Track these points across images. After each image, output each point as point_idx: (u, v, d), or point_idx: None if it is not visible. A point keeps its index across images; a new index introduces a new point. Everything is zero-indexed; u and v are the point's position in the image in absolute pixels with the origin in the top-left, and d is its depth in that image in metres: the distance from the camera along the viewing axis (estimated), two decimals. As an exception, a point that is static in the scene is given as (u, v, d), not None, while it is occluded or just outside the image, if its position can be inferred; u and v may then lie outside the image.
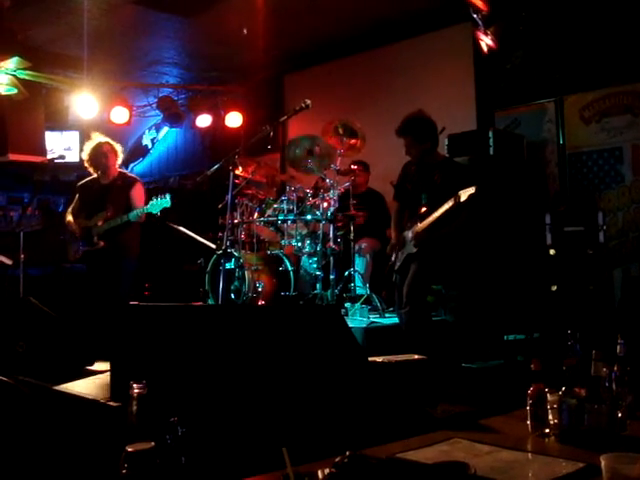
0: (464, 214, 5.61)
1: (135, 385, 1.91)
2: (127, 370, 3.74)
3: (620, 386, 2.93)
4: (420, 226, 5.72)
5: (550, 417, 2.95)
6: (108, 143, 7.14)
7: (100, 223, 6.86)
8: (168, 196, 6.65)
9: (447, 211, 5.48)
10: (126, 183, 7.10)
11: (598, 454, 2.13)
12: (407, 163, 6.20)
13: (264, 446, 2.63)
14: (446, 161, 6.08)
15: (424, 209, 5.75)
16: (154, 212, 6.70)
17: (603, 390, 2.87)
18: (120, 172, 7.26)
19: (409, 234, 5.87)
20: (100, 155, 7.06)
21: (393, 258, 6.07)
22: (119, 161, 7.25)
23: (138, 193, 7.03)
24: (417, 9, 8.62)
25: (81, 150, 7.50)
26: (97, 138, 7.20)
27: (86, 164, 7.13)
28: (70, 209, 7.30)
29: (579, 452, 2.57)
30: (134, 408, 1.90)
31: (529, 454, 2.65)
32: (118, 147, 7.22)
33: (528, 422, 2.95)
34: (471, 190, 5.27)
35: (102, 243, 6.85)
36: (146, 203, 6.82)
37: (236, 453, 2.87)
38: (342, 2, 8.42)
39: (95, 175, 7.17)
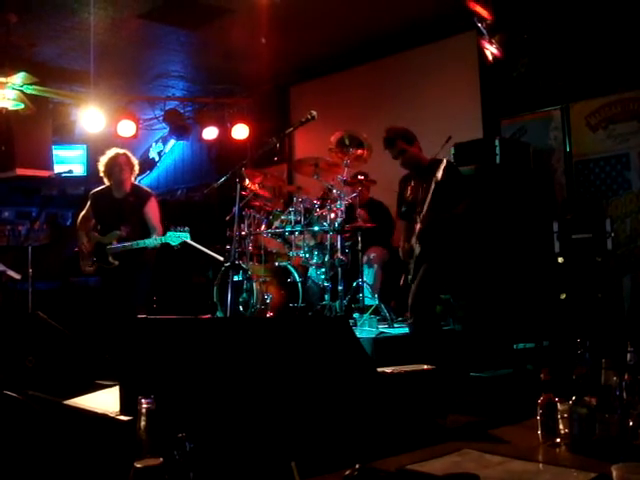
0: (463, 204, 5.63)
1: (144, 400, 1.90)
2: (136, 384, 3.74)
3: (631, 395, 2.92)
4: (419, 225, 5.75)
5: (561, 427, 2.94)
6: (125, 155, 6.98)
7: (115, 243, 6.75)
8: (187, 230, 6.58)
9: (432, 197, 5.55)
10: (140, 198, 6.92)
11: (610, 464, 2.12)
12: (402, 178, 6.23)
13: (273, 460, 2.62)
14: (434, 161, 6.02)
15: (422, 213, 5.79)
16: (172, 244, 6.60)
17: (614, 399, 2.86)
18: (134, 185, 7.06)
19: (414, 239, 5.88)
20: (115, 166, 6.89)
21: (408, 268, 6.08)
22: (134, 174, 7.08)
23: (153, 209, 6.89)
24: (421, 19, 8.64)
25: (89, 165, 7.47)
26: (115, 149, 7.04)
27: (101, 174, 6.99)
28: (81, 218, 7.14)
29: (591, 462, 2.56)
30: (143, 424, 1.89)
31: (540, 464, 2.64)
32: (134, 160, 7.06)
33: (539, 432, 2.95)
34: (443, 164, 5.42)
35: (117, 263, 6.75)
36: (161, 223, 6.78)
37: (245, 468, 2.86)
38: (346, 13, 8.44)
39: (109, 184, 7.04)
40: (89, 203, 7.09)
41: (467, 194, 5.69)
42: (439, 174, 5.42)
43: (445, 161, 5.43)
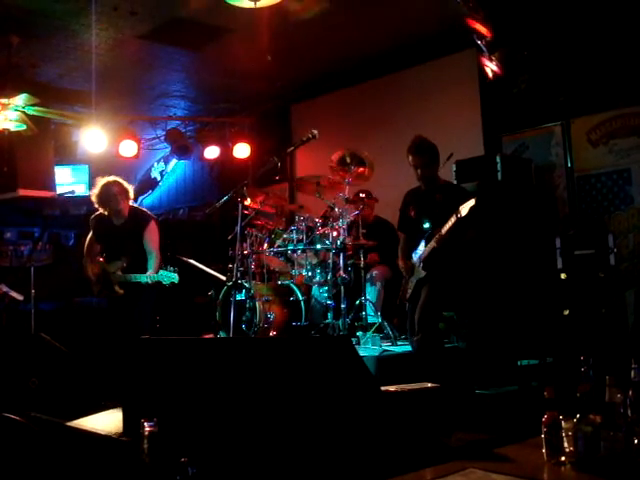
0: (471, 232, 5.62)
1: (146, 424, 1.90)
2: (139, 405, 3.73)
3: (636, 412, 2.90)
4: (426, 249, 5.74)
5: (565, 445, 2.92)
6: (116, 183, 6.79)
7: (119, 273, 6.68)
8: (176, 271, 6.46)
9: (451, 229, 5.48)
10: (138, 224, 6.79)
11: (615, 483, 2.11)
12: (408, 192, 6.24)
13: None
14: (446, 184, 6.10)
15: (428, 233, 5.77)
16: (163, 283, 6.53)
17: (618, 416, 2.85)
18: (132, 210, 6.93)
19: (417, 260, 5.88)
20: (109, 199, 6.75)
21: (404, 285, 6.07)
22: (130, 199, 6.91)
23: (152, 234, 6.74)
24: (421, 37, 8.67)
25: (91, 185, 7.35)
26: (105, 178, 6.82)
27: (96, 206, 6.85)
28: (87, 245, 7.05)
29: (596, 480, 2.54)
30: (146, 447, 1.88)
31: (545, 483, 2.62)
32: (127, 185, 6.89)
33: (543, 450, 2.93)
34: (471, 203, 5.28)
35: (122, 292, 6.68)
36: (160, 248, 6.70)
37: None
38: (347, 32, 8.47)
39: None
40: (91, 229, 7.02)
41: (475, 222, 5.66)
42: (465, 211, 5.31)
43: (474, 201, 5.28)
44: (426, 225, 5.84)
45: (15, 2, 7.57)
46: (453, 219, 5.42)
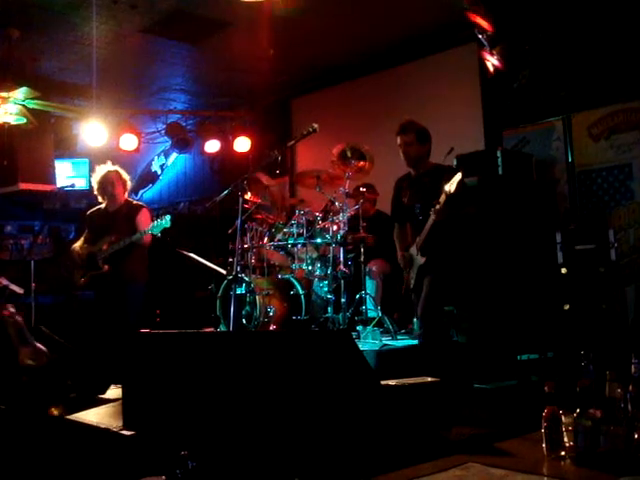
0: (471, 208, 5.59)
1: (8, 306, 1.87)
2: (139, 398, 3.73)
3: (636, 407, 2.90)
4: (422, 233, 5.66)
5: (565, 439, 2.92)
6: (116, 171, 7.17)
7: (105, 247, 6.89)
8: (168, 217, 6.64)
9: (444, 205, 5.41)
10: (132, 210, 7.12)
11: (615, 477, 2.11)
12: (399, 179, 6.16)
13: (276, 476, 2.61)
14: (435, 167, 5.90)
15: (421, 218, 5.71)
16: (155, 233, 6.69)
17: (618, 411, 2.85)
18: (127, 200, 7.27)
19: (414, 249, 5.81)
20: (107, 183, 7.11)
21: (406, 278, 6.02)
22: (127, 189, 7.28)
23: (144, 218, 7.02)
24: (422, 31, 8.66)
25: (90, 177, 7.52)
26: (106, 166, 7.22)
27: (95, 192, 7.20)
28: (82, 240, 7.30)
29: (596, 475, 2.54)
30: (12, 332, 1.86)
31: (545, 478, 2.62)
32: (126, 175, 7.25)
33: (543, 445, 2.93)
34: (457, 177, 5.20)
35: (107, 267, 6.85)
36: None
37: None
38: (348, 26, 8.45)
39: (103, 204, 7.21)
40: (86, 226, 7.29)
41: (474, 198, 5.62)
42: (452, 187, 5.23)
43: (460, 175, 5.22)
44: (418, 210, 5.78)
45: (15, -5, 7.57)
46: (443, 197, 5.35)
